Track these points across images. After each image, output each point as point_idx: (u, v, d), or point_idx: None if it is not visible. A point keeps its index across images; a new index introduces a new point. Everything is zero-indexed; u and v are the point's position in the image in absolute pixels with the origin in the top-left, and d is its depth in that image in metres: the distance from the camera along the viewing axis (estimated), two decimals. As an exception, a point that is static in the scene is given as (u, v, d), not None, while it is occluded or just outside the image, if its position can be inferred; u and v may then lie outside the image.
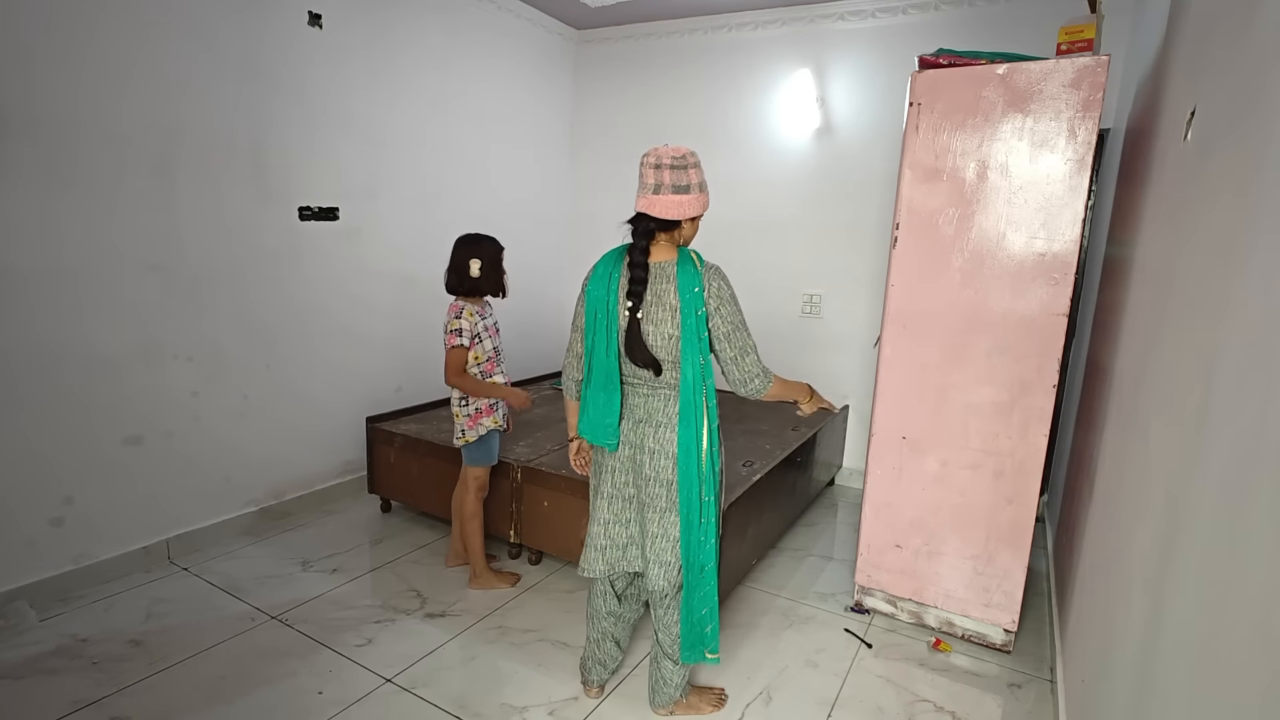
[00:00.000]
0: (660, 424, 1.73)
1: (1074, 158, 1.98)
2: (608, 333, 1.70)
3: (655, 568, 1.77)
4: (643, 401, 1.75)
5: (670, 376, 1.70)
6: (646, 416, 1.74)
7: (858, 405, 3.87)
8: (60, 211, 2.26)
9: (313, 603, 2.44)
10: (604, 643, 1.98)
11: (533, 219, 4.39)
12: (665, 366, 1.69)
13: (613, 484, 1.82)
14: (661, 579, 1.77)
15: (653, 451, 1.73)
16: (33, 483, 2.29)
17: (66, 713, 1.85)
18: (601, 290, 1.71)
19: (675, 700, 1.92)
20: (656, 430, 1.73)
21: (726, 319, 1.68)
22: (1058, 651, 2.17)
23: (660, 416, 1.73)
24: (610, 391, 1.72)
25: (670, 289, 1.66)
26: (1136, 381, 1.53)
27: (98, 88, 2.30)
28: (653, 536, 1.76)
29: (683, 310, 1.64)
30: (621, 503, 1.82)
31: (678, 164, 1.62)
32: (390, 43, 3.27)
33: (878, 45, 3.56)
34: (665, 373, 1.70)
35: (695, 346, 1.65)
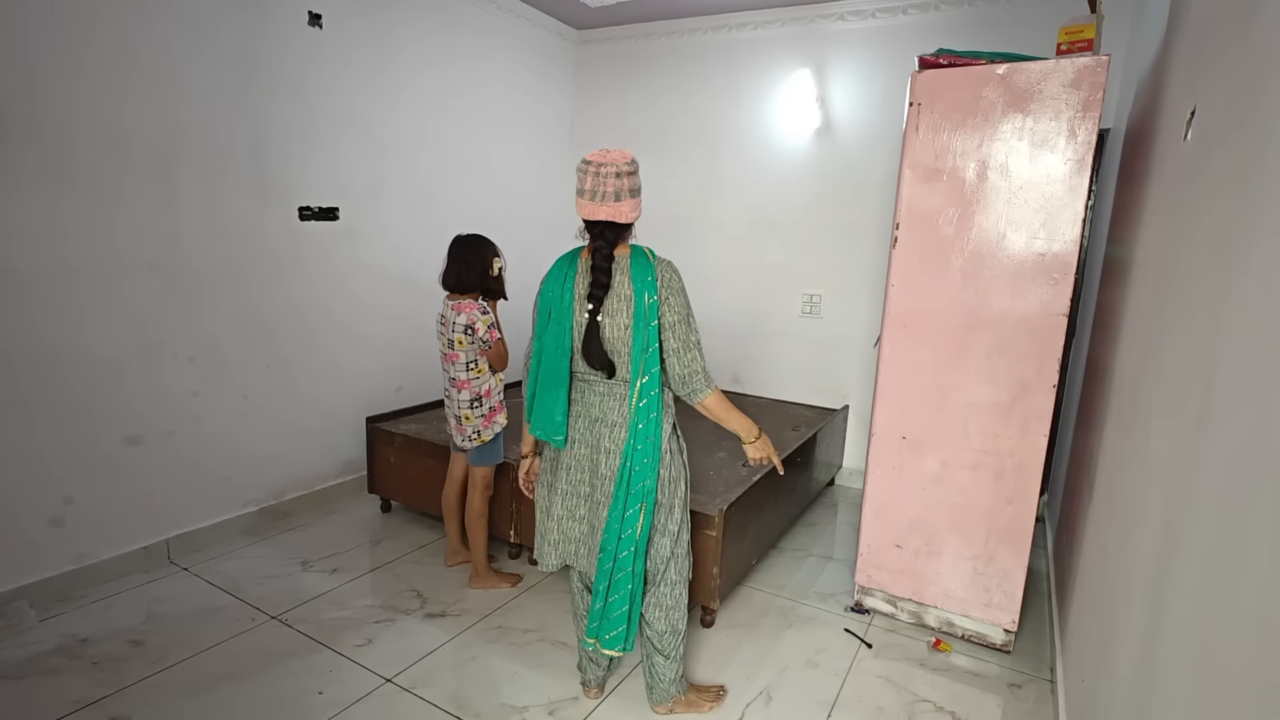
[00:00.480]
0: (614, 423, 1.74)
1: (1074, 158, 1.98)
2: (559, 331, 1.73)
3: (592, 557, 1.81)
4: (598, 400, 1.76)
5: (624, 374, 1.72)
6: (602, 415, 1.76)
7: (858, 405, 3.87)
8: (60, 211, 2.26)
9: (313, 603, 2.44)
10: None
11: (532, 219, 4.39)
12: (619, 365, 1.71)
13: (568, 481, 1.83)
14: (598, 563, 1.79)
15: (608, 451, 1.75)
16: (33, 483, 2.29)
17: (66, 713, 1.85)
18: (556, 290, 1.74)
19: (674, 697, 1.92)
20: (611, 430, 1.74)
21: (674, 309, 1.70)
22: (1058, 651, 2.17)
23: (615, 415, 1.74)
24: (558, 389, 1.74)
25: (625, 280, 1.69)
26: (1136, 381, 1.52)
27: (98, 88, 2.30)
28: (602, 526, 1.79)
29: (635, 298, 1.67)
30: (576, 499, 1.83)
31: (631, 169, 1.68)
32: (390, 43, 3.28)
33: (878, 45, 3.56)
34: (619, 371, 1.72)
35: (642, 332, 1.66)
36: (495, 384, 2.47)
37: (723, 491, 2.50)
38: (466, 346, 2.36)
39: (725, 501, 2.35)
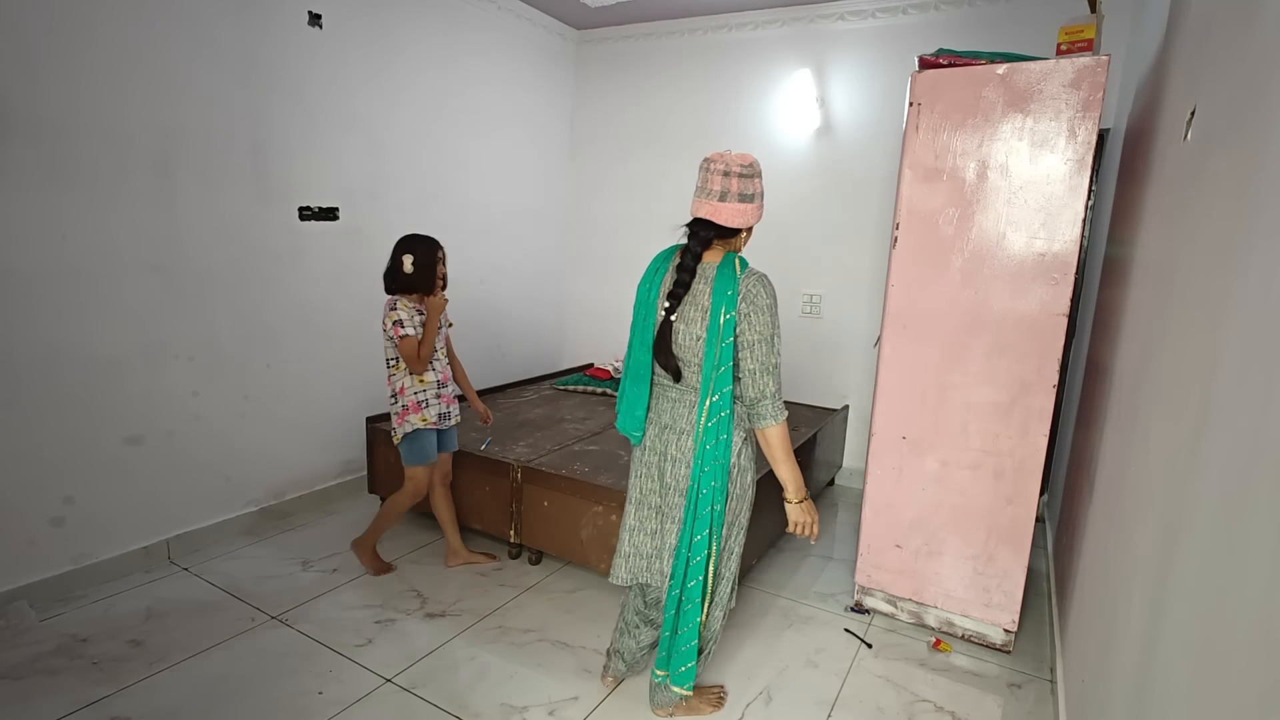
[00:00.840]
0: (683, 431, 1.69)
1: (1074, 158, 1.98)
2: (643, 327, 1.71)
3: (663, 570, 1.79)
4: (669, 406, 1.72)
5: (693, 381, 1.66)
6: (671, 423, 1.72)
7: (858, 405, 3.87)
8: (61, 211, 2.26)
9: (313, 603, 2.44)
10: (626, 637, 1.98)
11: (532, 219, 4.39)
12: (687, 371, 1.66)
13: (640, 489, 1.80)
14: (663, 585, 1.78)
15: (674, 460, 1.71)
16: (33, 483, 2.29)
17: (66, 713, 1.85)
18: (646, 286, 1.73)
19: (674, 703, 1.92)
20: (679, 438, 1.70)
21: (755, 327, 1.61)
22: (1058, 651, 2.17)
23: (683, 423, 1.69)
24: (641, 385, 1.72)
25: (706, 289, 1.63)
26: (1136, 381, 1.53)
27: (98, 88, 2.30)
28: (669, 548, 1.76)
29: (712, 311, 1.60)
30: (647, 510, 1.80)
31: (746, 173, 1.61)
32: (390, 42, 3.28)
33: (878, 45, 3.56)
34: (687, 377, 1.67)
35: (715, 348, 1.59)
36: (410, 382, 2.50)
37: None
38: (385, 343, 2.47)
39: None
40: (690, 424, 1.69)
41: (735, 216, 1.62)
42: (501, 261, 4.18)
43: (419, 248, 2.44)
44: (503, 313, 4.27)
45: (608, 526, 2.47)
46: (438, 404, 2.55)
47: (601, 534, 2.50)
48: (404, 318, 2.40)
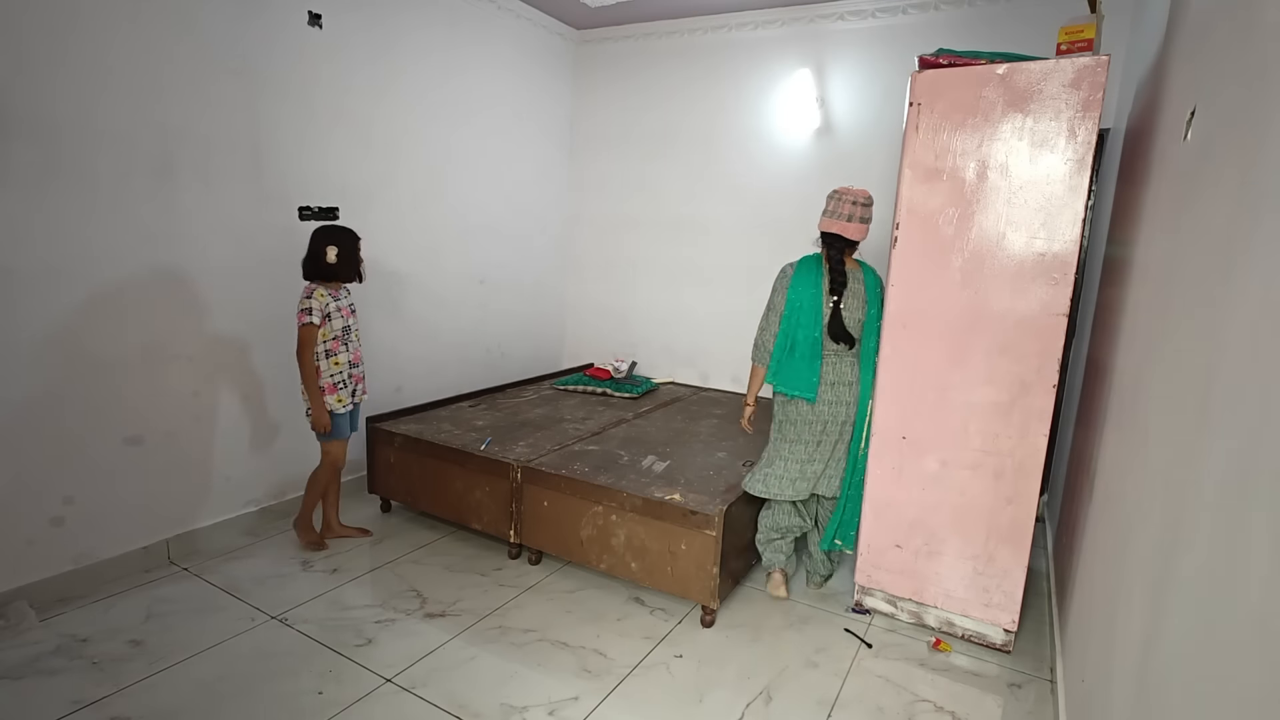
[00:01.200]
0: (850, 383, 2.42)
1: (1074, 158, 1.98)
2: (813, 318, 2.36)
3: (835, 481, 2.51)
4: (835, 367, 2.41)
5: (854, 349, 2.40)
6: (839, 379, 2.42)
7: (858, 405, 3.86)
8: (61, 212, 2.26)
9: (313, 603, 2.44)
10: (798, 540, 2.73)
11: (532, 219, 4.39)
12: (855, 341, 2.38)
13: (810, 432, 2.44)
14: (837, 488, 2.52)
15: (846, 403, 2.42)
16: (33, 483, 2.29)
17: (66, 713, 1.85)
18: (807, 287, 2.38)
19: (838, 563, 2.77)
20: (849, 387, 2.42)
21: (882, 311, 2.37)
22: (1058, 651, 2.17)
23: (850, 376, 2.42)
24: (815, 360, 2.38)
25: (860, 288, 2.39)
26: (1136, 381, 1.53)
27: (98, 88, 2.30)
28: (836, 460, 2.49)
29: (869, 301, 2.38)
30: (813, 447, 2.45)
31: (867, 203, 2.33)
32: (390, 43, 3.28)
33: (878, 45, 3.56)
34: (855, 346, 2.39)
35: (874, 326, 2.38)
36: (326, 365, 2.63)
37: (723, 491, 2.50)
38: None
39: (725, 502, 2.35)
40: (855, 377, 2.44)
41: (859, 233, 2.33)
42: (501, 261, 4.18)
43: (343, 239, 2.60)
44: (502, 312, 4.27)
45: (608, 526, 2.48)
46: (349, 384, 2.72)
47: (601, 534, 2.50)
48: (314, 306, 2.54)
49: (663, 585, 2.41)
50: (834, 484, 2.52)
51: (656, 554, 2.39)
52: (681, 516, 2.32)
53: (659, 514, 2.37)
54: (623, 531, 2.45)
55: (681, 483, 2.58)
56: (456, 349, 3.95)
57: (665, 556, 2.37)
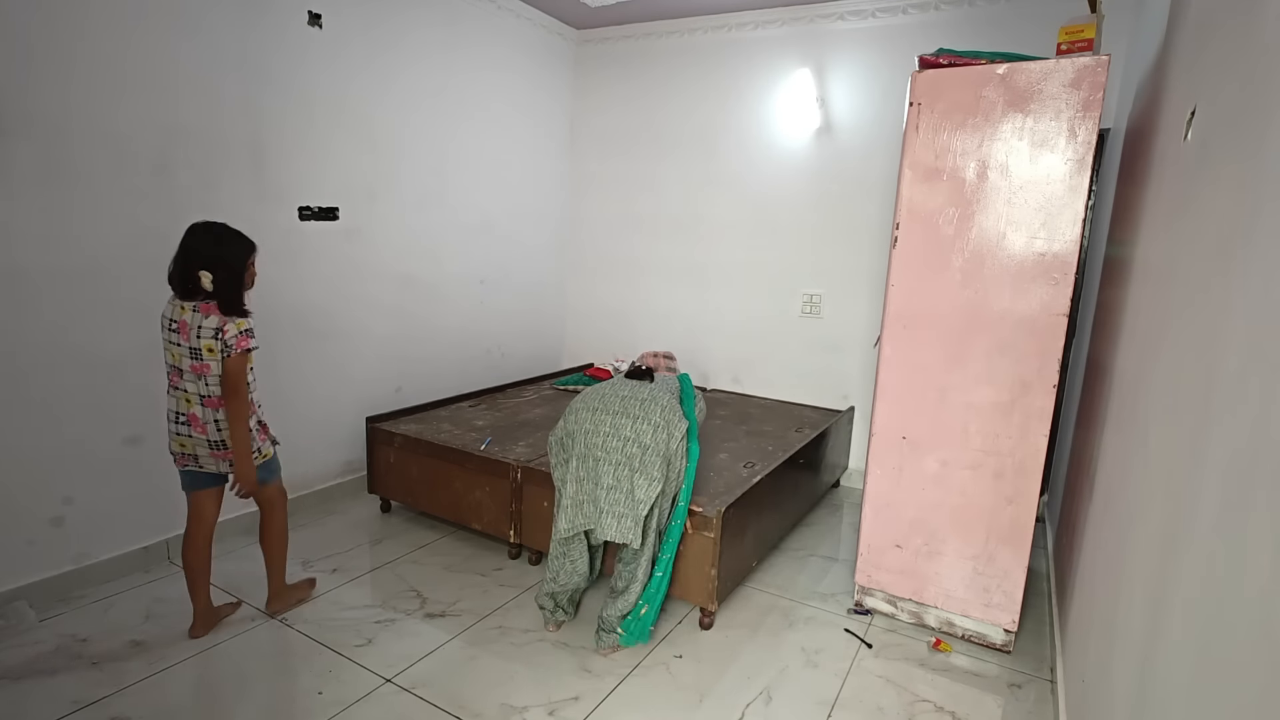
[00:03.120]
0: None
1: (1074, 158, 1.98)
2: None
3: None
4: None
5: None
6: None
7: (858, 405, 3.87)
8: (61, 211, 2.26)
9: (313, 603, 2.44)
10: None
11: (532, 218, 4.39)
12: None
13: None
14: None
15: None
16: (33, 483, 2.29)
17: (66, 713, 1.85)
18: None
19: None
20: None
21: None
22: (1058, 651, 2.17)
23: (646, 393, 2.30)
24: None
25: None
26: (1136, 381, 1.53)
27: (98, 88, 2.30)
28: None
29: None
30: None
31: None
32: (390, 42, 3.27)
33: (878, 45, 3.56)
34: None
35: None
36: (255, 399, 2.17)
37: (723, 493, 2.49)
38: (202, 360, 2.02)
39: (724, 503, 2.34)
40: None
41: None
42: (501, 261, 4.18)
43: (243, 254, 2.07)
44: (502, 313, 4.27)
45: None
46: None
47: None
48: (251, 325, 2.04)
49: (663, 585, 2.41)
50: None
51: (656, 554, 2.39)
52: (681, 517, 2.31)
53: (659, 514, 2.36)
54: (623, 531, 2.45)
55: (681, 483, 2.57)
56: (456, 349, 3.95)
57: (665, 557, 2.37)
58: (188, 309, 2.01)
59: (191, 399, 2.06)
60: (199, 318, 2.00)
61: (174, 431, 2.10)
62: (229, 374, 2.01)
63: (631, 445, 2.14)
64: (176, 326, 2.02)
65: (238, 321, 2.01)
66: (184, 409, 2.07)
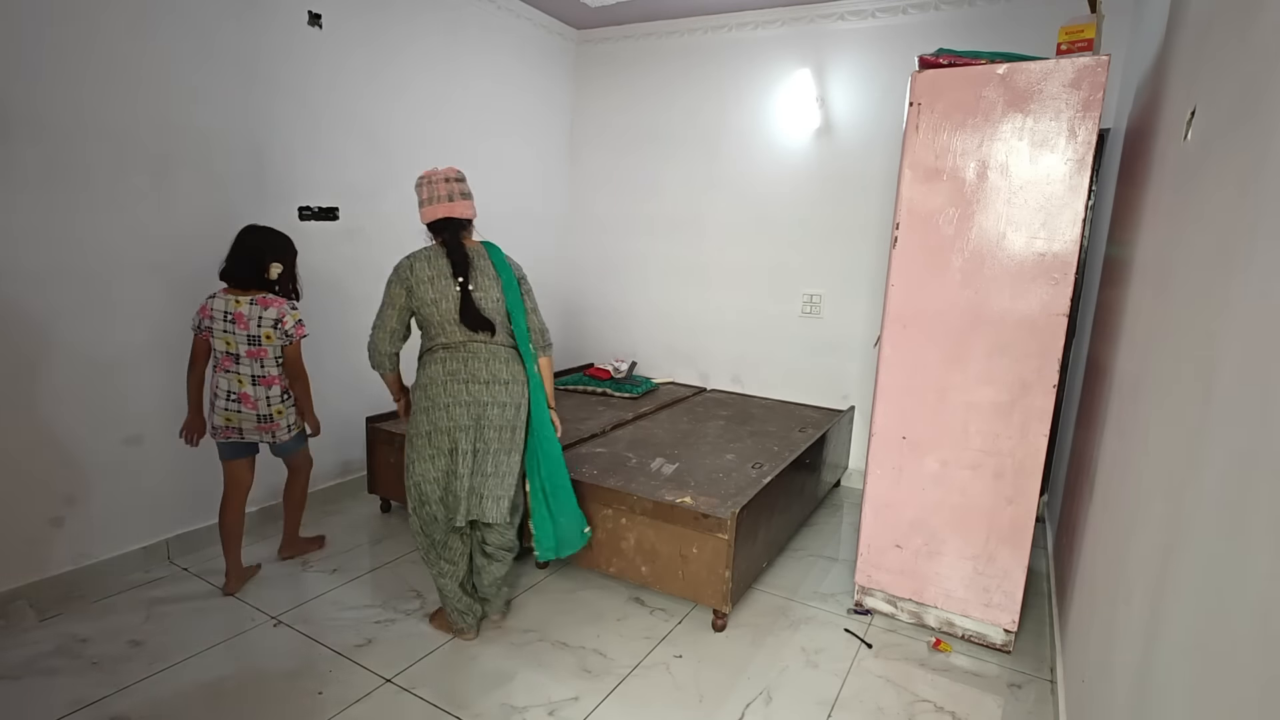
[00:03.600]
0: (506, 381, 2.13)
1: (1074, 158, 1.98)
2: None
3: (502, 503, 2.15)
4: (484, 365, 2.12)
5: (505, 338, 2.16)
6: (491, 377, 2.12)
7: (858, 405, 3.87)
8: (61, 211, 2.26)
9: (313, 603, 2.44)
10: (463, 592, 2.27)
11: (532, 219, 4.39)
12: (498, 329, 2.12)
13: (450, 440, 2.10)
14: (506, 512, 2.16)
15: (504, 405, 2.13)
16: (33, 483, 2.29)
17: (66, 713, 1.85)
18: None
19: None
20: (505, 386, 2.13)
21: (529, 292, 2.25)
22: (1058, 651, 2.17)
23: (505, 375, 2.14)
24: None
25: (488, 265, 2.15)
26: (1136, 381, 1.53)
27: (98, 88, 2.30)
28: (500, 477, 2.14)
29: (504, 282, 2.15)
30: (446, 459, 2.12)
31: (459, 179, 2.14)
32: (390, 42, 3.28)
33: (878, 45, 3.56)
34: (500, 334, 2.13)
35: (521, 308, 2.17)
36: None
37: (734, 494, 2.48)
38: (275, 341, 2.38)
39: (737, 504, 2.33)
40: (512, 375, 2.16)
41: (468, 210, 2.14)
42: (501, 261, 4.18)
43: (290, 254, 2.47)
44: (503, 313, 4.26)
45: (618, 530, 2.47)
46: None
47: (611, 537, 2.49)
48: (301, 317, 2.44)
49: (674, 589, 2.40)
50: (500, 507, 2.13)
51: (667, 558, 2.38)
52: (693, 520, 2.31)
53: (670, 517, 2.36)
54: (633, 535, 2.45)
55: (691, 485, 2.57)
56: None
57: (676, 560, 2.37)
58: (244, 302, 2.33)
59: (244, 379, 2.37)
60: (257, 309, 2.34)
61: (222, 408, 2.38)
62: (291, 359, 2.43)
63: (505, 432, 2.15)
64: (233, 317, 2.33)
65: (293, 312, 2.39)
66: (235, 388, 2.37)
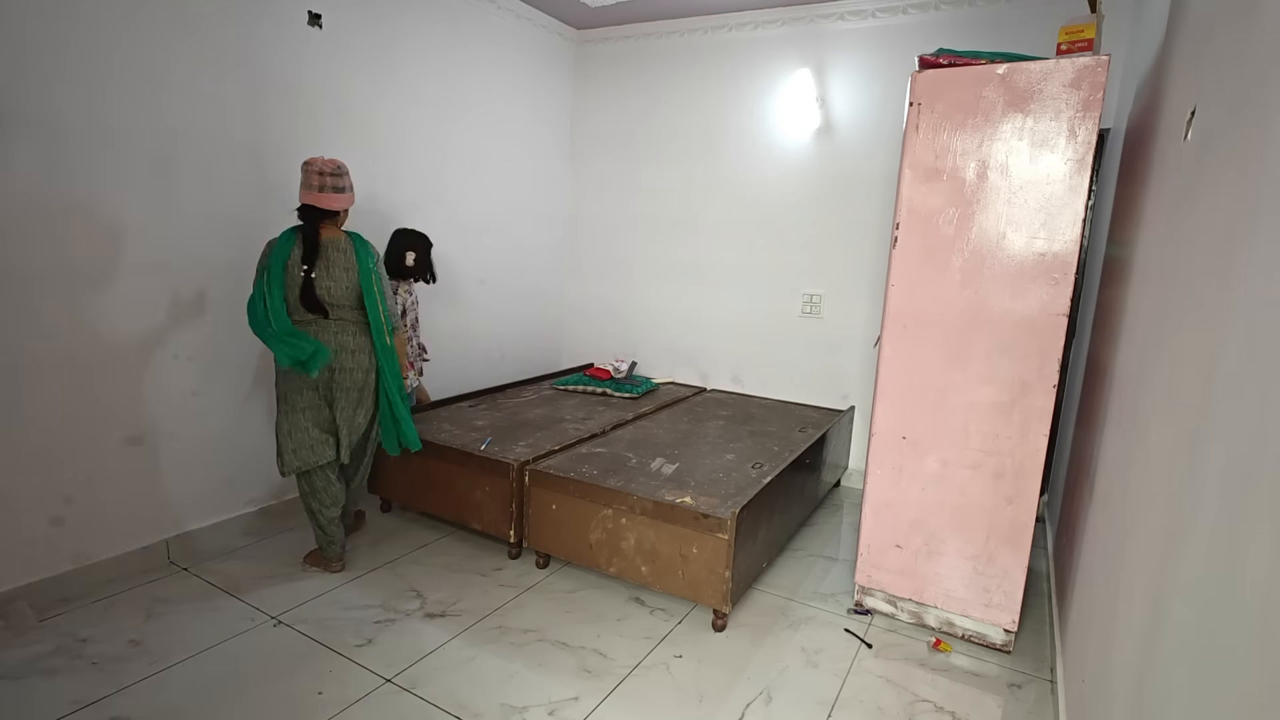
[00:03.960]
0: (354, 350, 2.48)
1: (1074, 157, 1.98)
2: (282, 287, 2.34)
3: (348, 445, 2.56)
4: (333, 337, 2.44)
5: (352, 315, 2.47)
6: (338, 347, 2.44)
7: (858, 405, 3.87)
8: (60, 211, 2.26)
9: (313, 603, 2.44)
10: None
11: (532, 219, 4.39)
12: (344, 309, 2.44)
13: (313, 399, 2.49)
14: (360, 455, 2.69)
15: (351, 370, 2.48)
16: (33, 483, 2.29)
17: (66, 713, 1.85)
18: (281, 257, 2.35)
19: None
20: (352, 355, 2.48)
21: (382, 282, 2.54)
22: (1058, 651, 2.17)
23: (352, 345, 2.47)
24: (294, 333, 2.35)
25: (343, 257, 2.43)
26: (1136, 381, 1.53)
27: (98, 87, 2.30)
28: (356, 427, 2.56)
29: (361, 272, 2.46)
30: (319, 412, 2.51)
31: (335, 173, 2.40)
32: (389, 43, 3.28)
33: (878, 45, 3.56)
34: (347, 313, 2.45)
35: (372, 295, 2.46)
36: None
37: (734, 494, 2.48)
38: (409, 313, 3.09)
39: (737, 504, 2.33)
40: (359, 344, 2.50)
41: (332, 202, 2.41)
42: (501, 261, 4.18)
43: (420, 245, 3.10)
44: (502, 312, 4.27)
45: (618, 530, 2.47)
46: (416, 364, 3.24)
47: (611, 537, 2.49)
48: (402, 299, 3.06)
49: (674, 589, 2.40)
50: (356, 449, 2.68)
51: (667, 558, 2.38)
52: (693, 520, 2.31)
53: (670, 517, 2.36)
54: (633, 535, 2.45)
55: (691, 485, 2.57)
56: (456, 349, 3.95)
57: (676, 560, 2.37)
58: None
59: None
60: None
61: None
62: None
63: (353, 392, 2.54)
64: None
65: (399, 296, 3.01)
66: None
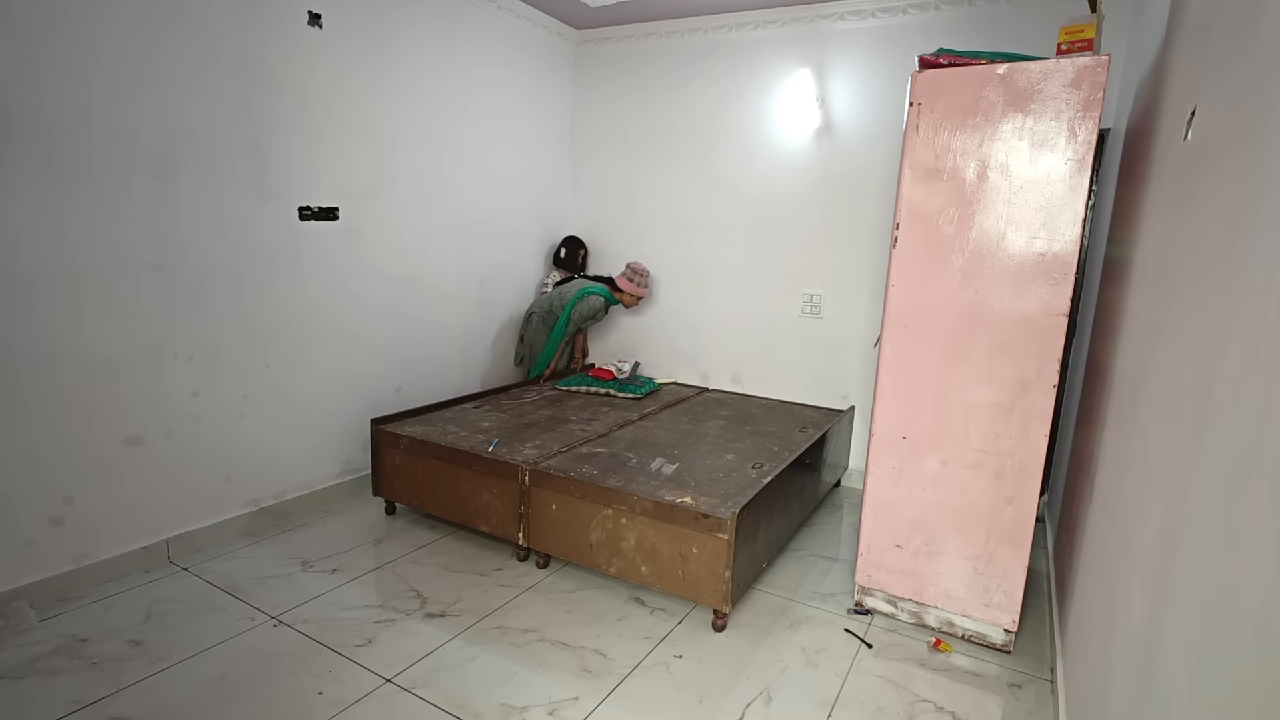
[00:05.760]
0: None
1: (1074, 157, 1.98)
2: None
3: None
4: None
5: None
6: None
7: (858, 405, 3.87)
8: (61, 211, 2.26)
9: (313, 603, 2.44)
10: None
11: (532, 218, 4.39)
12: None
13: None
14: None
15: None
16: (33, 483, 2.29)
17: (66, 713, 1.85)
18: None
19: None
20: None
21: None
22: (1058, 651, 2.17)
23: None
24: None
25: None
26: (1136, 381, 1.53)
27: (98, 87, 2.30)
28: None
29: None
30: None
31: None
32: (390, 42, 3.28)
33: (878, 45, 3.56)
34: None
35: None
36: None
37: (734, 494, 2.48)
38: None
39: (737, 504, 2.32)
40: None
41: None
42: (502, 261, 4.18)
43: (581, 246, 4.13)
44: (504, 313, 4.27)
45: (618, 530, 2.47)
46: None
47: (611, 537, 2.49)
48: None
49: (674, 589, 2.40)
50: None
51: (667, 558, 2.38)
52: (693, 520, 2.31)
53: (670, 517, 2.36)
54: (633, 535, 2.45)
55: (692, 485, 2.57)
56: (457, 349, 3.95)
57: (676, 560, 2.37)
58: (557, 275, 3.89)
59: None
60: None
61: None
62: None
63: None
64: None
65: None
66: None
